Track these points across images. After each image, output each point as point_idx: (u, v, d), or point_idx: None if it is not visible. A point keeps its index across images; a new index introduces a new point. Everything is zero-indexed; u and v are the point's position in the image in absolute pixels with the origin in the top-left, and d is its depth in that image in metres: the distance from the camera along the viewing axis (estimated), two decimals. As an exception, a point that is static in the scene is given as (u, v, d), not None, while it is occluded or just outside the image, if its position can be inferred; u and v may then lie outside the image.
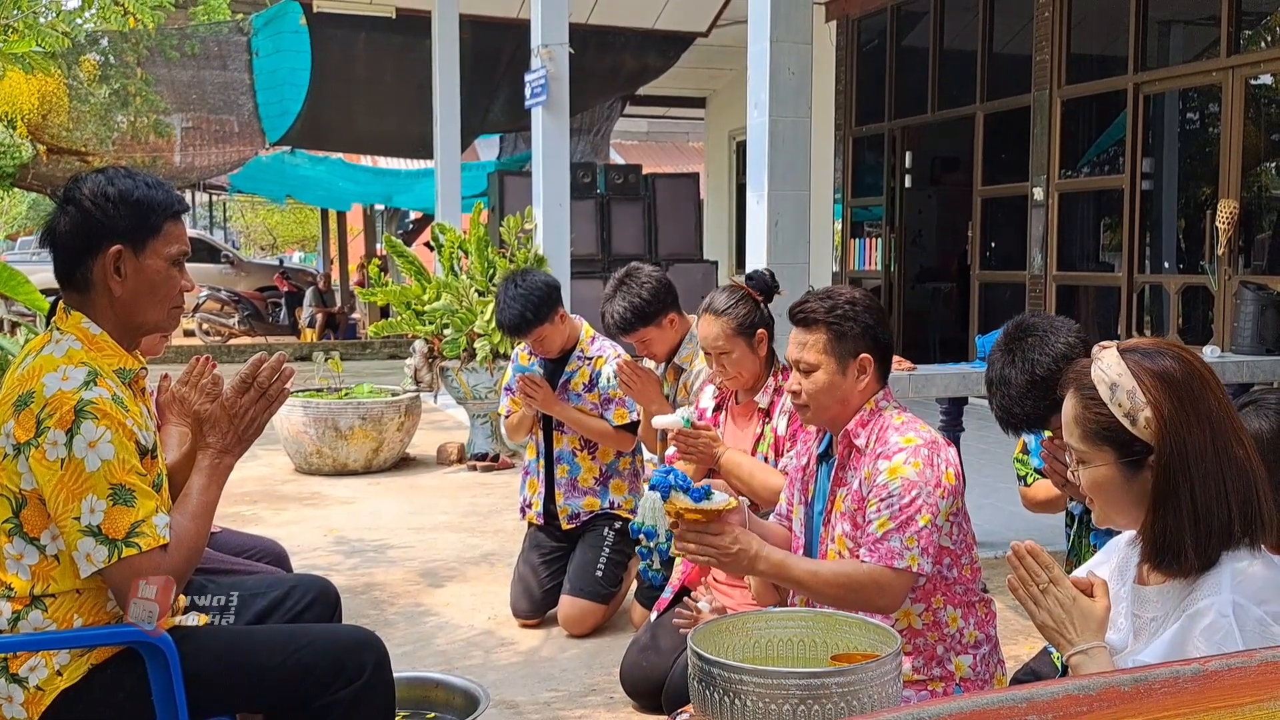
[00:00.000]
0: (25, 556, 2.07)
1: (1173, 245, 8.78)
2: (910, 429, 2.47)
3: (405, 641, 4.04)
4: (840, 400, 2.53)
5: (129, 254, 2.14)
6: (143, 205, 2.15)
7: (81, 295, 2.16)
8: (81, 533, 2.01)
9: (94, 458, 2.01)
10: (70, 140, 11.96)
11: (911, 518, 2.34)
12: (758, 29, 5.00)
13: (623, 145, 22.51)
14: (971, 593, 2.52)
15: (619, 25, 12.59)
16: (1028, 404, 2.47)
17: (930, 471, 2.38)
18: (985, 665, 2.53)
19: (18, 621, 2.08)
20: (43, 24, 6.21)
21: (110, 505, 2.01)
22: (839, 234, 11.66)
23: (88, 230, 2.12)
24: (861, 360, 2.51)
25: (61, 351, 2.10)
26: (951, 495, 2.41)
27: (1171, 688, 0.98)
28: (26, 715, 2.08)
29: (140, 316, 2.19)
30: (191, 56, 12.08)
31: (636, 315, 3.82)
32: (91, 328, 2.15)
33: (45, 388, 2.03)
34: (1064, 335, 2.47)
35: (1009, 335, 2.55)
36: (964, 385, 5.12)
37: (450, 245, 7.51)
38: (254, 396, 2.26)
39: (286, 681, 2.19)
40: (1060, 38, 8.81)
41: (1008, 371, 2.50)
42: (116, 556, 2.01)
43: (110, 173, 2.19)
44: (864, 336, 2.51)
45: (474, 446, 7.42)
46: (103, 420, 2.02)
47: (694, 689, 1.79)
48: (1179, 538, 1.62)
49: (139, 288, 2.15)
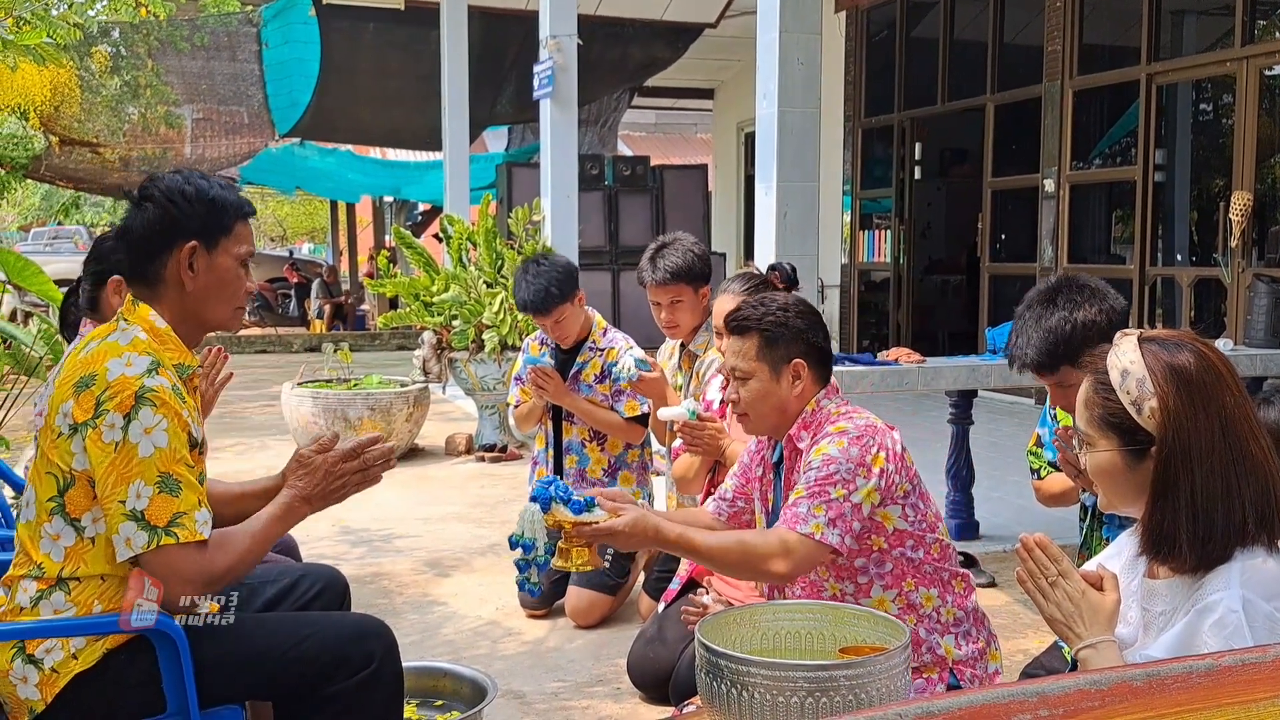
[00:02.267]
0: (62, 537, 2.10)
1: (1185, 237, 8.74)
2: (846, 418, 2.47)
3: (413, 631, 4.05)
4: (777, 408, 2.53)
5: (202, 251, 2.21)
6: (217, 204, 2.23)
7: (151, 290, 2.22)
8: (125, 516, 2.04)
9: (148, 444, 2.04)
10: (82, 132, 11.99)
11: (825, 489, 2.35)
12: (767, 20, 4.98)
13: (631, 137, 22.50)
14: (943, 570, 2.52)
15: (627, 16, 12.56)
16: (1037, 351, 2.49)
17: (855, 450, 2.39)
18: (970, 642, 2.54)
19: (39, 601, 2.11)
20: (54, 16, 6.22)
21: (156, 492, 2.04)
22: (848, 226, 11.63)
23: (164, 226, 2.19)
24: (795, 365, 2.51)
25: (127, 339, 2.14)
26: (879, 477, 2.39)
27: (1184, 683, 0.97)
28: (41, 696, 2.10)
29: (208, 313, 2.26)
30: (201, 48, 12.10)
31: (687, 270, 3.79)
32: (158, 321, 2.21)
33: (108, 371, 2.07)
34: (1100, 305, 2.48)
35: (1060, 283, 2.55)
36: (973, 378, 5.10)
37: (458, 237, 7.51)
38: (355, 467, 2.31)
39: (296, 669, 2.20)
40: (1072, 28, 8.76)
41: (1037, 311, 2.51)
42: (155, 543, 2.04)
43: (186, 173, 2.26)
44: (796, 341, 2.52)
45: (482, 437, 7.42)
46: (161, 409, 2.06)
47: (701, 681, 1.78)
48: (1174, 532, 1.62)
49: (210, 284, 2.23)
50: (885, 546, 2.46)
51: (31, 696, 2.10)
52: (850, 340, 11.51)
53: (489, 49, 12.19)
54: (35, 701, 2.10)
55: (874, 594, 2.48)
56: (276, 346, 15.34)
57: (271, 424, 8.47)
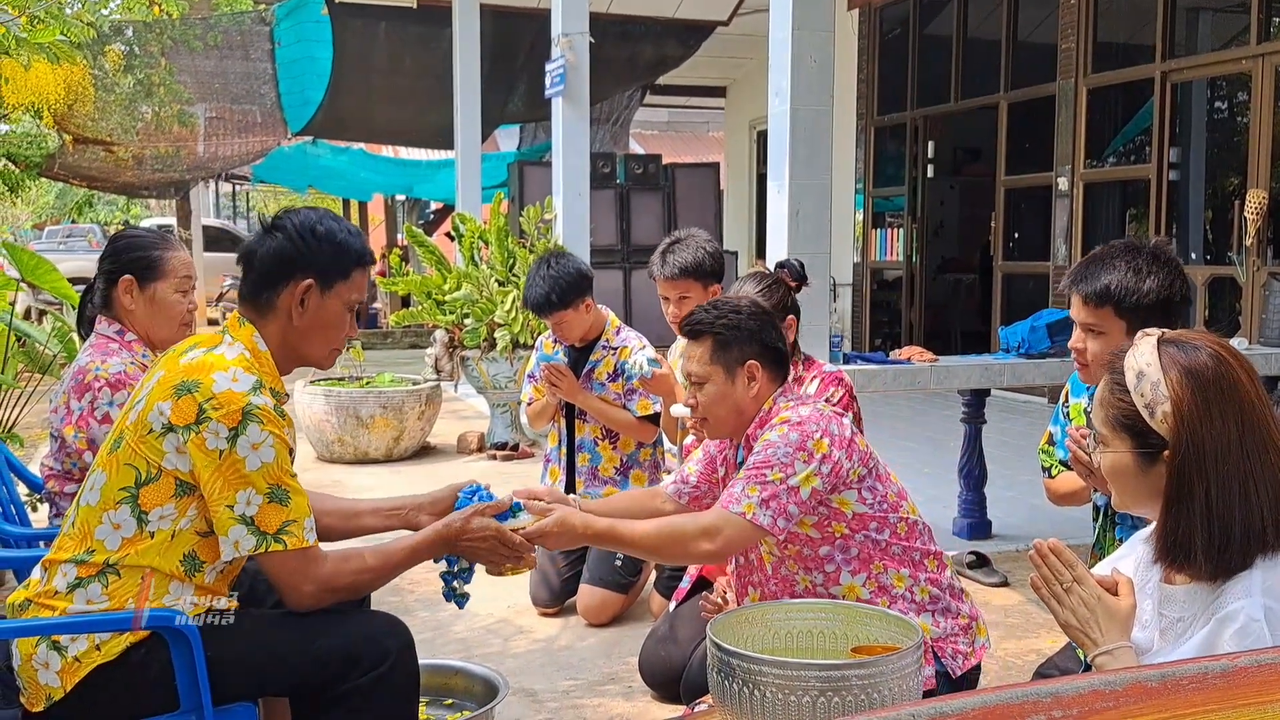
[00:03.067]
0: (123, 527, 2.13)
1: (1200, 236, 8.69)
2: (792, 409, 2.49)
3: (424, 628, 4.05)
4: (735, 410, 2.55)
5: (316, 290, 2.25)
6: (342, 249, 2.27)
7: (259, 315, 2.27)
8: (235, 520, 2.09)
9: (255, 459, 2.09)
10: (95, 130, 12.03)
11: (762, 472, 2.38)
12: (779, 17, 4.97)
13: (642, 135, 22.49)
14: (913, 550, 2.52)
15: (639, 14, 12.55)
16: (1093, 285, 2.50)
17: (794, 435, 2.40)
18: (949, 618, 2.54)
19: (75, 589, 2.13)
20: (68, 14, 6.24)
21: (266, 501, 2.10)
22: (860, 224, 11.61)
23: (287, 258, 2.24)
24: (749, 367, 2.53)
25: (234, 355, 2.19)
26: (821, 462, 2.39)
27: (1200, 684, 0.97)
28: (60, 684, 2.11)
29: (306, 349, 2.30)
30: (214, 47, 12.12)
31: (696, 266, 3.80)
32: (260, 344, 2.25)
33: (215, 383, 2.10)
34: (1170, 282, 2.48)
35: (1165, 249, 2.55)
36: (986, 377, 5.08)
37: (470, 235, 7.52)
38: (500, 544, 2.35)
39: (311, 666, 2.20)
40: (1086, 25, 8.73)
41: (1129, 262, 2.50)
42: (265, 548, 2.10)
43: (321, 212, 2.32)
44: (749, 343, 2.53)
45: (494, 435, 7.43)
46: (267, 425, 2.11)
47: (713, 680, 1.78)
48: (1189, 539, 1.60)
49: (316, 323, 2.27)
50: (847, 531, 2.47)
51: (51, 683, 2.12)
52: (862, 339, 11.50)
53: (501, 47, 12.20)
54: (54, 689, 2.11)
55: (844, 580, 2.48)
56: (289, 344, 15.34)
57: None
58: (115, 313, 3.03)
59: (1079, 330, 2.58)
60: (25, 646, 2.14)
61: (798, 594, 2.51)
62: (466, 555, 2.37)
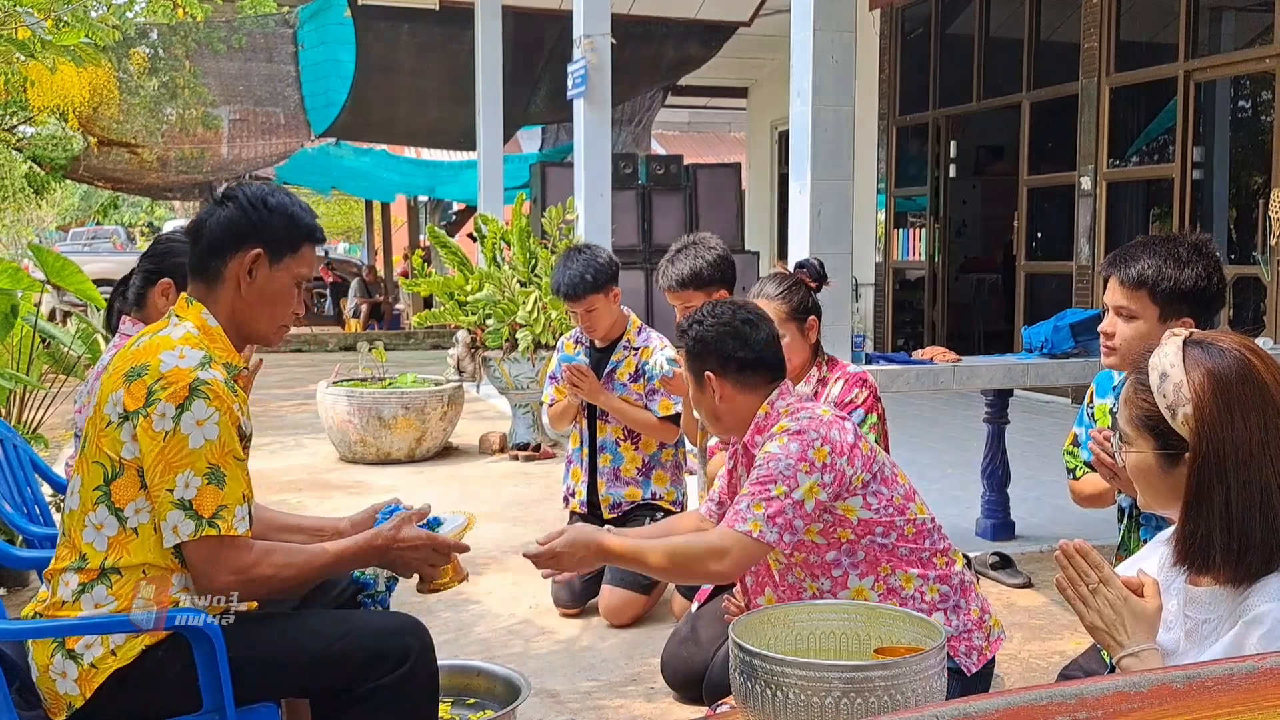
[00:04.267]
0: (105, 527, 2.13)
1: (1224, 235, 8.62)
2: (791, 416, 2.48)
3: (446, 629, 4.07)
4: (712, 415, 2.60)
5: (264, 260, 2.25)
6: (293, 221, 2.28)
7: (208, 288, 2.26)
8: (173, 505, 2.07)
9: (199, 435, 2.07)
10: (120, 132, 12.12)
11: (766, 487, 2.37)
12: (801, 18, 4.96)
13: (664, 136, 22.49)
14: (921, 550, 2.51)
15: (661, 15, 12.55)
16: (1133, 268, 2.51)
17: (795, 446, 2.39)
18: (961, 615, 2.53)
19: (81, 595, 2.13)
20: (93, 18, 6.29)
21: (205, 483, 2.08)
22: (882, 224, 11.57)
23: (238, 228, 2.24)
24: (706, 378, 2.55)
25: (179, 334, 2.18)
26: (823, 471, 2.38)
27: (1225, 685, 0.96)
28: (80, 691, 2.12)
29: (253, 323, 2.29)
30: (238, 49, 12.20)
31: (694, 276, 3.79)
32: (210, 320, 2.25)
33: (161, 363, 2.10)
34: (1203, 271, 2.47)
35: (1206, 242, 2.54)
36: (1009, 377, 5.06)
37: (493, 236, 7.54)
38: (433, 550, 2.32)
39: (332, 667, 2.21)
40: (1109, 24, 8.68)
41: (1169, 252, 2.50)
42: (200, 533, 2.07)
43: (272, 186, 2.33)
44: (706, 355, 2.55)
45: (516, 436, 7.45)
46: (214, 401, 2.09)
47: (735, 681, 1.78)
48: (1208, 543, 1.58)
49: (263, 295, 2.26)
50: (853, 537, 2.47)
51: (71, 692, 2.12)
52: (885, 339, 11.46)
53: (523, 49, 12.22)
54: (74, 697, 2.12)
55: (851, 584, 2.48)
56: (312, 345, 15.45)
57: (307, 422, 8.54)
58: (146, 313, 3.05)
59: (1110, 315, 2.58)
60: (41, 658, 2.15)
61: (805, 600, 2.50)
62: (399, 565, 2.32)
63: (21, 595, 4.27)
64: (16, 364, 5.03)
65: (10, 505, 3.00)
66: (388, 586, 2.55)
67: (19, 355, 5.07)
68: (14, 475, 3.14)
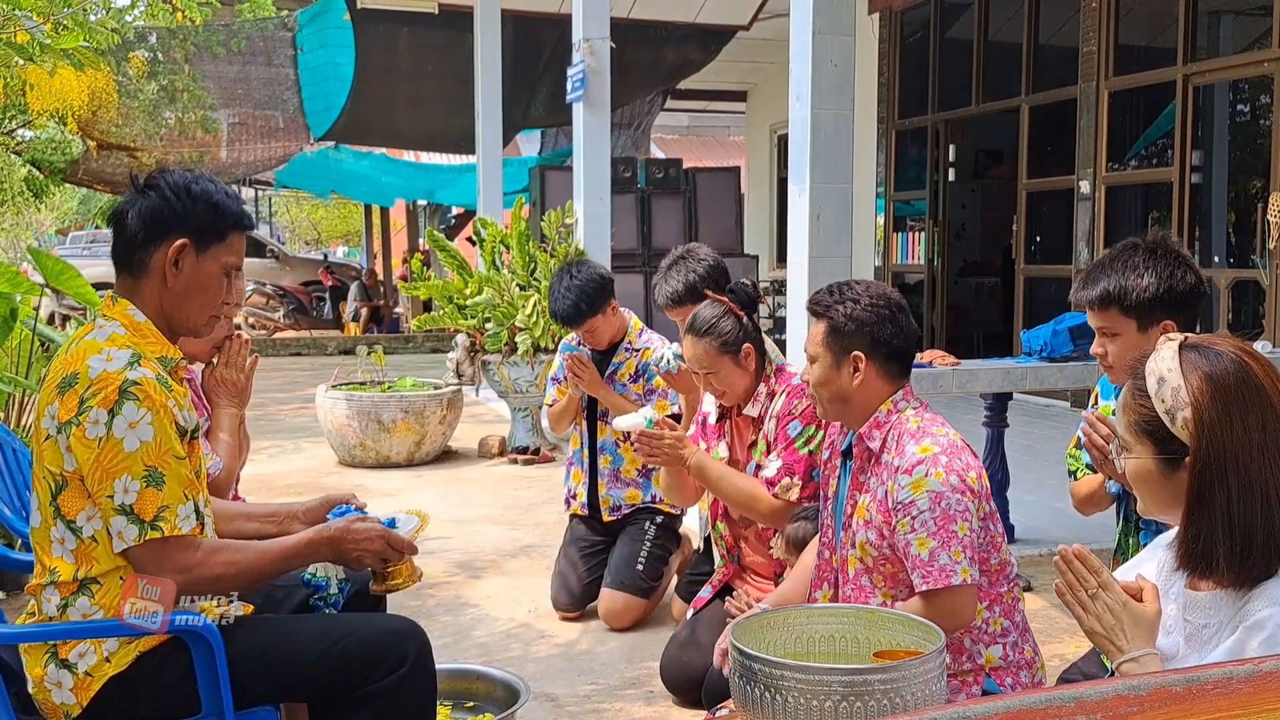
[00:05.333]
0: (66, 540, 2.11)
1: (1223, 239, 8.63)
2: (926, 435, 2.44)
3: (445, 633, 4.06)
4: (839, 397, 2.53)
5: (190, 250, 2.19)
6: (219, 209, 2.22)
7: (134, 280, 2.21)
8: (115, 511, 2.05)
9: (133, 439, 2.04)
10: (119, 136, 12.11)
11: (950, 530, 2.32)
12: (800, 21, 4.96)
13: (663, 139, 22.50)
14: (998, 585, 2.50)
15: (660, 19, 12.55)
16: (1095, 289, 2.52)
17: (954, 478, 2.36)
18: (1016, 651, 2.52)
19: (66, 608, 2.12)
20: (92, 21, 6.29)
21: (143, 486, 2.05)
22: (881, 228, 11.58)
23: (161, 217, 2.18)
24: (854, 358, 2.49)
25: (105, 336, 2.15)
26: (977, 498, 2.38)
27: (1224, 688, 0.96)
28: (76, 700, 2.11)
29: (182, 315, 2.24)
30: (238, 53, 12.20)
31: (688, 292, 3.79)
32: (137, 315, 2.20)
33: (90, 369, 2.07)
34: (1164, 272, 2.46)
35: (1163, 242, 2.54)
36: (1008, 380, 5.06)
37: (492, 240, 7.54)
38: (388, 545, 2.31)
39: (330, 670, 2.21)
40: (1108, 28, 8.68)
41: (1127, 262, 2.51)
42: (143, 537, 2.05)
43: (195, 174, 2.26)
44: (859, 334, 2.50)
45: (515, 440, 7.44)
46: (144, 402, 2.06)
47: (735, 684, 1.78)
48: (1210, 547, 1.58)
49: (190, 285, 2.21)
50: None
51: (67, 701, 2.11)
52: (883, 343, 11.43)
53: (522, 52, 12.23)
54: (71, 706, 2.11)
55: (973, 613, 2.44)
56: (311, 349, 15.44)
57: (306, 426, 8.53)
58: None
59: (1098, 335, 2.59)
60: (35, 669, 2.13)
61: (872, 604, 2.48)
62: (351, 558, 2.29)
63: (20, 599, 4.27)
64: (15, 368, 5.03)
65: (9, 509, 3.00)
66: (340, 589, 2.53)
67: (18, 359, 5.07)
68: (13, 479, 3.14)
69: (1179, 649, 1.66)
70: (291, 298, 17.42)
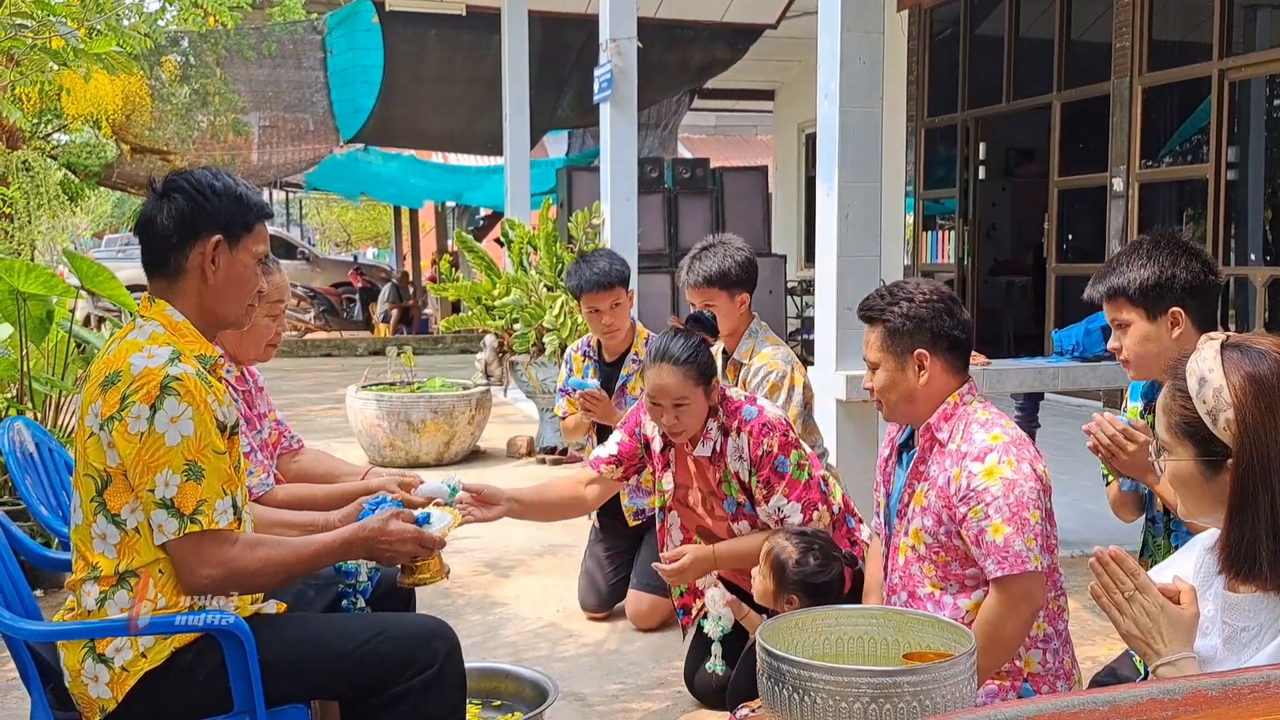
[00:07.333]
0: (108, 535, 2.14)
1: (1259, 237, 8.52)
2: (996, 425, 2.43)
3: (474, 632, 4.07)
4: (906, 397, 2.51)
5: (224, 245, 2.23)
6: (243, 201, 2.26)
7: (169, 283, 2.25)
8: (156, 505, 2.08)
9: (174, 433, 2.08)
10: (153, 139, 12.23)
11: (1024, 517, 2.32)
12: (828, 19, 4.94)
13: (690, 139, 22.46)
14: (1047, 589, 2.48)
15: (687, 18, 12.55)
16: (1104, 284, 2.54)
17: (1026, 467, 2.36)
18: (1056, 659, 2.50)
19: (104, 602, 2.14)
20: (125, 26, 6.35)
21: (184, 480, 2.08)
22: (910, 227, 11.51)
23: (191, 218, 2.22)
24: (918, 355, 2.47)
25: (145, 335, 2.19)
26: (1046, 491, 2.38)
27: (1262, 693, 0.94)
28: (112, 695, 2.14)
29: (223, 308, 2.28)
30: (268, 56, 12.29)
31: (720, 276, 3.77)
32: (175, 315, 2.24)
33: (131, 366, 2.10)
34: (1165, 261, 2.47)
35: (1168, 235, 2.54)
36: (1040, 380, 5.02)
37: (520, 241, 7.56)
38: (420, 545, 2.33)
39: (360, 669, 2.22)
40: (1141, 23, 8.60)
41: (1132, 256, 2.52)
42: (183, 530, 2.08)
43: (212, 170, 2.30)
44: (919, 332, 2.48)
45: (543, 440, 7.45)
46: (185, 397, 2.09)
47: (763, 685, 1.77)
48: (1254, 549, 1.56)
49: (229, 279, 2.25)
50: None
51: (103, 695, 2.14)
52: (913, 342, 11.38)
53: (550, 53, 12.25)
54: (107, 700, 2.14)
55: (974, 597, 2.44)
56: (341, 350, 15.54)
57: (337, 426, 8.58)
58: None
59: (1113, 330, 2.60)
60: (72, 663, 2.16)
61: (918, 596, 2.48)
62: (384, 557, 2.31)
63: (57, 597, 4.32)
64: (52, 369, 5.09)
65: (46, 508, 3.03)
66: (370, 577, 2.55)
67: (54, 360, 5.13)
68: (49, 479, 3.17)
69: (1217, 651, 1.63)
70: (322, 299, 17.54)
